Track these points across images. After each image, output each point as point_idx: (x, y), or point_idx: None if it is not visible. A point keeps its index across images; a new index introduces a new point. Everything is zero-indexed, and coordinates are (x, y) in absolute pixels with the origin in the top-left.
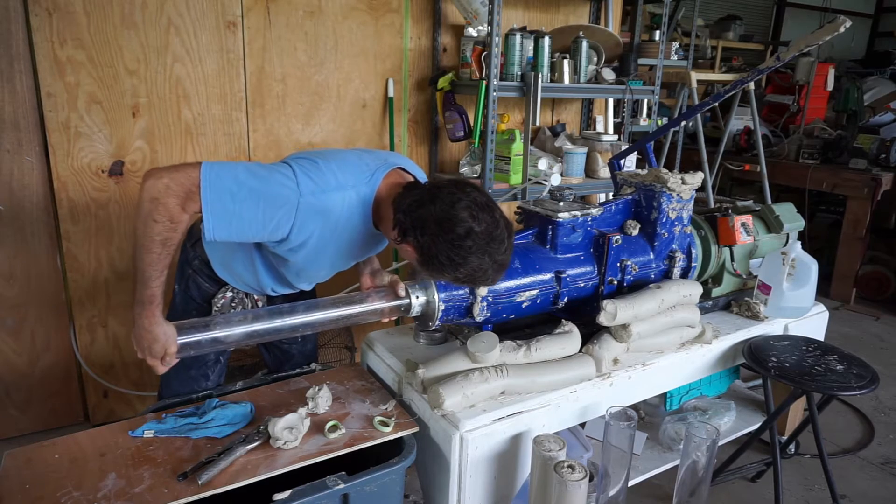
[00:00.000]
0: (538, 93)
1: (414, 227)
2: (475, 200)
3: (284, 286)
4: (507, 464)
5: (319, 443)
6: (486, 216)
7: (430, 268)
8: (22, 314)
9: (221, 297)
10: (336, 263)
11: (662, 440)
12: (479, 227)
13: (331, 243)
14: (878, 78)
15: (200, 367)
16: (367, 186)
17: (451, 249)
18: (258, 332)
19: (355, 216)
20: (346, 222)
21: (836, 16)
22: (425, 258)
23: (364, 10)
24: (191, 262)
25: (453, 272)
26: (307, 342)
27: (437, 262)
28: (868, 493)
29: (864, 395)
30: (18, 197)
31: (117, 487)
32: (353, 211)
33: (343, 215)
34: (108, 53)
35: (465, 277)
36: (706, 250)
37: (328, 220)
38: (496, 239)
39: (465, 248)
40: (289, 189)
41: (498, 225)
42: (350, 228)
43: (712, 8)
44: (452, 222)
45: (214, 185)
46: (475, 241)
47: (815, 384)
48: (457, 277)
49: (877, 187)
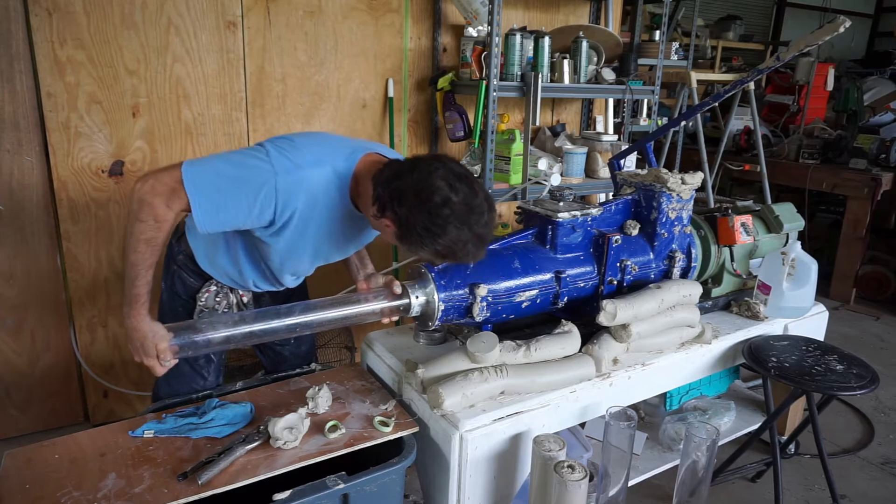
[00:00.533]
0: (538, 93)
1: (391, 199)
2: (452, 171)
3: (267, 281)
4: (506, 464)
5: (319, 443)
6: (464, 186)
7: (409, 240)
8: (22, 314)
9: (205, 292)
10: (319, 249)
11: (662, 440)
12: (456, 196)
13: (311, 222)
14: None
15: (194, 366)
16: (344, 163)
17: (428, 219)
18: (255, 333)
19: (332, 191)
20: (324, 198)
21: (836, 16)
22: (403, 230)
23: (364, 10)
24: (175, 257)
25: (432, 244)
26: (301, 344)
27: (415, 234)
28: (868, 493)
29: (864, 395)
30: (18, 197)
31: (117, 487)
32: (330, 186)
33: (320, 191)
34: (108, 53)
35: (444, 250)
36: (706, 250)
37: (307, 197)
38: (475, 210)
39: (442, 216)
40: (265, 171)
41: (476, 195)
42: (329, 205)
43: (712, 8)
44: (429, 191)
45: (196, 180)
46: (453, 211)
47: (815, 384)
48: (436, 250)
49: (877, 187)
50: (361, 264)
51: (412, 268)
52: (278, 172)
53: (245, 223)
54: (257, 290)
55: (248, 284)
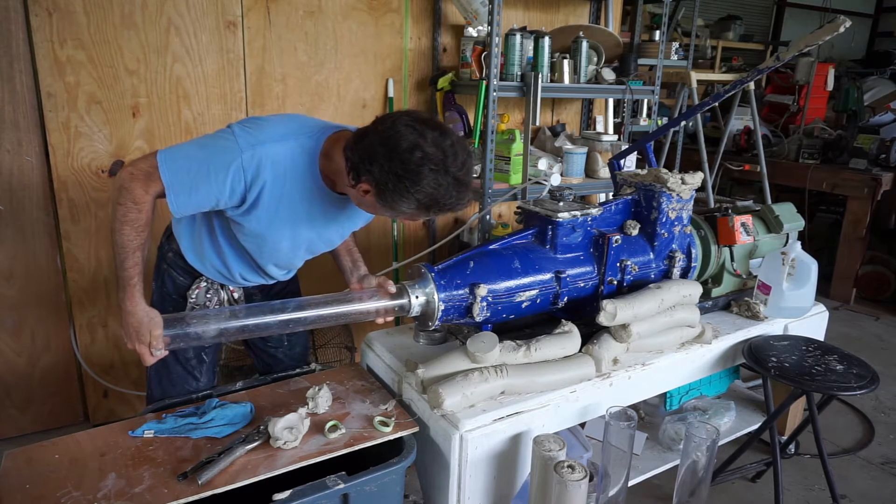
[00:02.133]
0: (538, 93)
1: (361, 160)
2: (416, 117)
3: (254, 272)
4: (506, 464)
5: (319, 443)
6: (431, 130)
7: (389, 198)
8: (22, 314)
9: (196, 289)
10: (297, 233)
11: (662, 440)
12: (424, 140)
13: (283, 200)
14: (878, 78)
15: (185, 366)
16: (310, 140)
17: (401, 168)
18: (248, 327)
19: (301, 167)
20: (292, 173)
21: (836, 16)
22: (381, 188)
23: (364, 10)
24: (165, 255)
25: (411, 194)
26: (294, 346)
27: (391, 189)
28: (868, 493)
29: (864, 395)
30: (18, 197)
31: (117, 487)
32: (297, 161)
33: (287, 165)
34: (108, 53)
35: (426, 199)
36: (706, 250)
37: (273, 172)
38: (447, 152)
39: (414, 162)
40: (230, 149)
41: (446, 137)
42: (298, 182)
43: (712, 8)
44: (395, 139)
45: (170, 164)
46: (424, 153)
47: (815, 384)
48: (418, 200)
49: (877, 187)
50: (354, 266)
51: (412, 268)
52: (243, 149)
53: (218, 202)
54: (246, 282)
55: (236, 277)
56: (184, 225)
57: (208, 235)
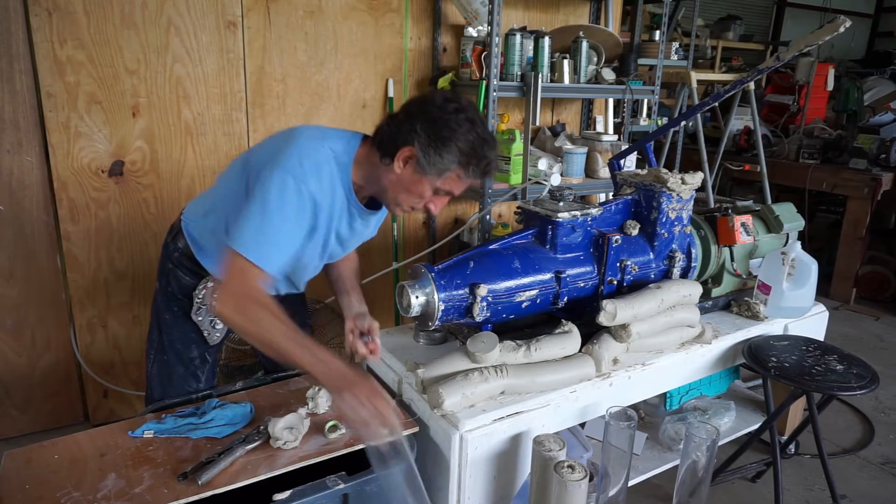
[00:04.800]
0: (538, 93)
1: (399, 125)
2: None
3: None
4: (506, 464)
5: (319, 443)
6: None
7: (432, 155)
8: (22, 314)
9: (203, 289)
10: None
11: (662, 440)
12: (457, 97)
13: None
14: (878, 78)
15: (188, 367)
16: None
17: (441, 117)
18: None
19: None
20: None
21: (836, 16)
22: (423, 144)
23: (364, 10)
24: (171, 255)
25: (454, 145)
26: None
27: (434, 141)
28: (868, 493)
29: (864, 395)
30: (18, 197)
31: (117, 487)
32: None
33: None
34: (108, 53)
35: (468, 149)
36: (706, 250)
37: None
38: (475, 109)
39: (449, 112)
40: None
41: (471, 102)
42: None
43: (712, 8)
44: (430, 99)
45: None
46: (459, 105)
47: (815, 384)
48: (460, 151)
49: (877, 187)
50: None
51: (412, 268)
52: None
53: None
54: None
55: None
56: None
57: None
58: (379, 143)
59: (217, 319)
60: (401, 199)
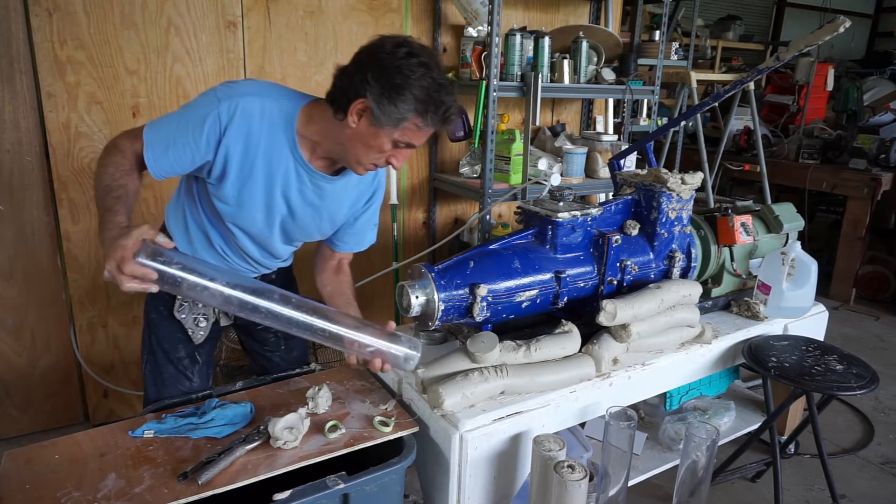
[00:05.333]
0: (538, 93)
1: (350, 77)
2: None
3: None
4: (506, 464)
5: (319, 443)
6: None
7: (386, 106)
8: (22, 314)
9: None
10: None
11: (662, 440)
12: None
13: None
14: (877, 78)
15: (178, 366)
16: (290, 103)
17: (392, 64)
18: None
19: (277, 127)
20: (269, 131)
21: (835, 16)
22: (376, 92)
23: (364, 10)
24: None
25: (408, 92)
26: (292, 349)
27: (387, 90)
28: (868, 493)
29: (864, 395)
30: (19, 197)
31: (117, 487)
32: (273, 120)
33: (264, 123)
34: (108, 53)
35: (423, 95)
36: (706, 250)
37: (249, 126)
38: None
39: (401, 58)
40: (208, 102)
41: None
42: (273, 142)
43: (712, 8)
44: (380, 45)
45: (151, 126)
46: (411, 48)
47: (815, 384)
48: (416, 98)
49: (877, 187)
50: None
51: (412, 268)
52: (221, 100)
53: (194, 158)
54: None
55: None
56: (171, 210)
57: (192, 214)
58: (331, 98)
59: (200, 317)
60: (360, 155)
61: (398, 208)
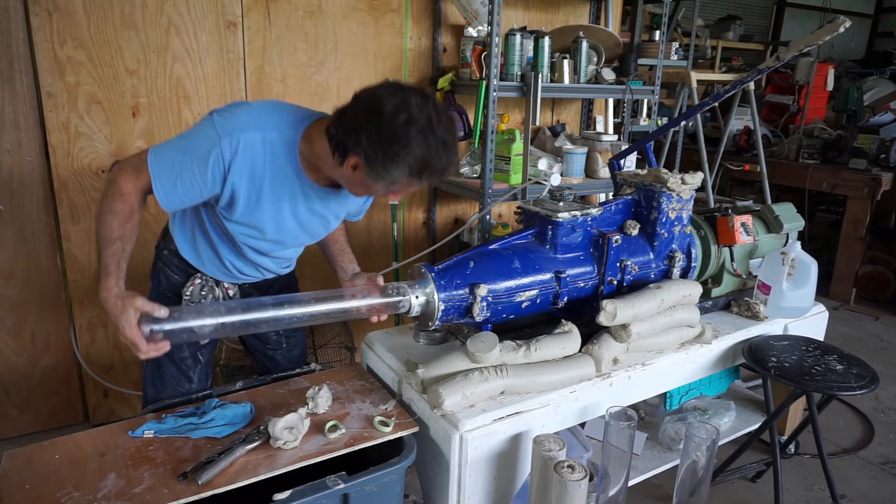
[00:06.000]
0: (538, 93)
1: (346, 133)
2: (394, 83)
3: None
4: (506, 464)
5: (319, 443)
6: (412, 94)
7: (380, 168)
8: (22, 314)
9: (190, 286)
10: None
11: (662, 440)
12: (408, 102)
13: (263, 192)
14: (878, 78)
15: (179, 367)
16: (291, 130)
17: (388, 132)
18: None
19: (280, 158)
20: (272, 163)
21: (835, 16)
22: (370, 157)
23: (364, 10)
24: (161, 254)
25: (403, 158)
26: (293, 348)
27: (381, 157)
28: (868, 493)
29: (864, 395)
30: (18, 197)
31: (117, 487)
32: (276, 152)
33: (267, 156)
34: (108, 53)
35: (417, 162)
36: (706, 250)
37: (253, 161)
38: (431, 114)
39: (399, 124)
40: (209, 137)
41: (428, 100)
42: (279, 172)
43: (712, 8)
44: (379, 104)
45: (158, 157)
46: (410, 115)
47: (815, 384)
48: (410, 167)
49: (877, 187)
50: (347, 265)
51: (412, 268)
52: (221, 136)
53: (202, 193)
54: (242, 277)
55: (232, 271)
56: (177, 221)
57: (200, 229)
58: (329, 138)
59: None
60: (355, 191)
61: (398, 208)
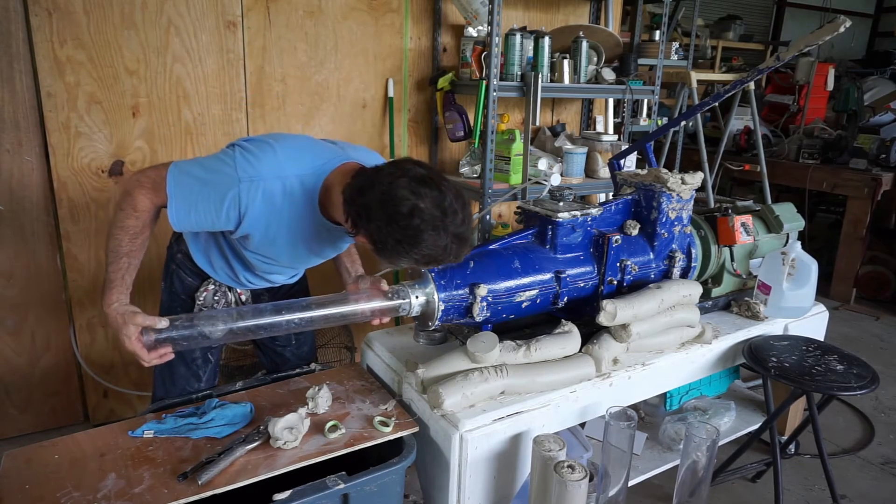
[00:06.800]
0: (538, 93)
1: (359, 216)
2: (415, 176)
3: (258, 278)
4: (506, 464)
5: (319, 443)
6: (430, 190)
7: (386, 255)
8: (22, 314)
9: (203, 291)
10: (295, 253)
11: (662, 440)
12: (423, 203)
13: (280, 230)
14: (878, 78)
15: (190, 366)
16: (312, 177)
17: (399, 232)
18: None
19: (300, 205)
20: (291, 211)
21: (836, 16)
22: (378, 246)
23: (364, 10)
24: (174, 256)
25: (409, 255)
26: (302, 345)
27: (389, 249)
28: (868, 493)
29: (864, 395)
30: (18, 197)
31: (117, 487)
32: (296, 200)
33: (286, 203)
34: (108, 53)
35: (423, 258)
36: (706, 250)
37: (272, 207)
38: (447, 212)
39: (412, 227)
40: (229, 176)
41: (445, 196)
42: (296, 217)
43: (712, 8)
44: (395, 203)
45: (178, 179)
46: (423, 219)
47: (815, 384)
48: (415, 260)
49: (877, 187)
50: (352, 267)
51: (412, 267)
52: (241, 180)
53: (214, 226)
54: (252, 285)
55: (242, 281)
56: (192, 241)
57: (215, 245)
58: (344, 203)
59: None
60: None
61: None
